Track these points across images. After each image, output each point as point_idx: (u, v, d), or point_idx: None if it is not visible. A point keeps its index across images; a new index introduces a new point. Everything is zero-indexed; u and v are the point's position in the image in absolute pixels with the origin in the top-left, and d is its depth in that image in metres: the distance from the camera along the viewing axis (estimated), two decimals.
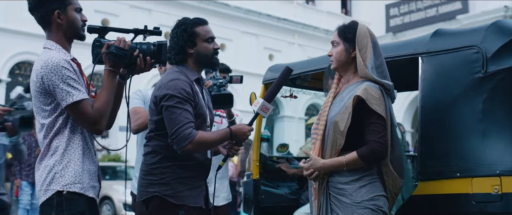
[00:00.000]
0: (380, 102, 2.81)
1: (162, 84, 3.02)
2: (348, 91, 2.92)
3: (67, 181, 2.58)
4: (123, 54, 2.69)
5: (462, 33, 3.19)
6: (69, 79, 2.57)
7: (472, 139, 2.99)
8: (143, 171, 3.08)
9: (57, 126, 2.61)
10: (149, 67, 2.84)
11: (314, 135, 3.02)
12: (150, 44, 2.83)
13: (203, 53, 3.13)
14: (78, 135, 2.66)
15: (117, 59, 2.69)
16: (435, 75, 3.15)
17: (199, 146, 2.96)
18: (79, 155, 2.63)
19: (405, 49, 3.37)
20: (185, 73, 3.08)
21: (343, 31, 3.00)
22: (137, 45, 2.79)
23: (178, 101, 2.95)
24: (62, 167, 2.59)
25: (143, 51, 2.79)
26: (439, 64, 3.14)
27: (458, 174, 2.98)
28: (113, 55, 2.67)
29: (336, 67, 3.03)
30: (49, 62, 2.55)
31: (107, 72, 2.71)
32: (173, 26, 3.15)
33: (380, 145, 2.79)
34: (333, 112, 2.92)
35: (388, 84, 2.92)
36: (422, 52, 3.21)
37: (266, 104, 3.04)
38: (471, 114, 3.00)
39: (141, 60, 2.78)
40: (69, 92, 2.55)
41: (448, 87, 3.11)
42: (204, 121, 3.14)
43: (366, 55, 2.91)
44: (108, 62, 2.70)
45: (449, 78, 3.11)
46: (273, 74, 4.31)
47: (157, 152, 3.03)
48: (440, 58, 3.14)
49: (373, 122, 2.81)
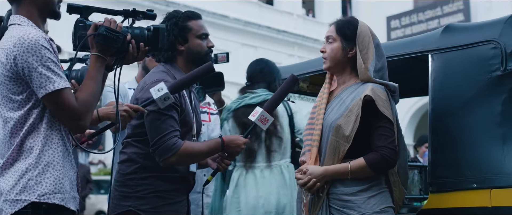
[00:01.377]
0: (387, 104, 2.54)
1: (146, 85, 2.70)
2: (349, 93, 2.62)
3: (45, 189, 2.04)
4: (115, 37, 2.20)
5: (477, 27, 2.87)
6: (50, 62, 2.05)
7: (490, 145, 2.68)
8: (117, 181, 2.76)
9: (30, 120, 2.08)
10: (142, 55, 2.37)
11: (308, 141, 2.69)
12: (143, 28, 2.41)
13: (195, 51, 2.80)
14: (57, 132, 2.14)
15: (108, 43, 2.19)
16: (447, 74, 2.82)
17: (184, 158, 2.65)
18: (59, 157, 2.11)
19: (412, 46, 3.04)
20: (172, 73, 2.75)
21: (342, 27, 2.67)
22: (128, 29, 2.35)
23: None
24: (39, 172, 2.05)
25: (136, 37, 2.34)
26: (451, 62, 2.82)
27: (475, 185, 2.67)
28: (102, 38, 2.18)
29: (330, 67, 2.71)
30: (26, 39, 2.03)
31: (95, 58, 2.21)
32: (163, 19, 2.82)
33: (390, 151, 2.50)
34: (332, 116, 2.60)
35: (393, 85, 2.63)
36: (432, 49, 2.87)
37: (266, 115, 2.72)
38: (488, 116, 2.69)
39: (134, 46, 2.30)
40: (50, 78, 2.04)
41: (462, 88, 2.79)
42: (190, 129, 2.81)
43: (368, 56, 2.61)
44: (96, 47, 2.20)
45: (463, 78, 2.79)
46: None
47: (134, 160, 2.71)
48: (453, 56, 2.81)
49: (381, 126, 2.52)
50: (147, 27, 2.42)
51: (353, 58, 2.64)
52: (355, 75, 2.66)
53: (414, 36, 3.19)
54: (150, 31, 2.40)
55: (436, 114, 2.84)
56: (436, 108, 2.84)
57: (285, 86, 2.81)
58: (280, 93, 2.82)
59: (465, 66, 2.78)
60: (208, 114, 4.10)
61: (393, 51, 3.08)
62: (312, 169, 2.56)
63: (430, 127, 2.85)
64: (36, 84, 2.04)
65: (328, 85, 2.76)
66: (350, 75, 2.68)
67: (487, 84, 2.69)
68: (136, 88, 2.83)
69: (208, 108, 4.10)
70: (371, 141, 2.54)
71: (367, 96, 2.51)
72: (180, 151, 2.59)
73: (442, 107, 2.83)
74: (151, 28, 2.41)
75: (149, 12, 2.41)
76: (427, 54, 2.89)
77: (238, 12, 20.97)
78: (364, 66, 2.59)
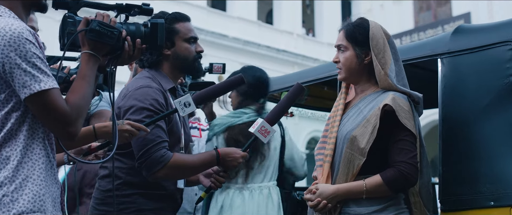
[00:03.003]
0: (410, 116, 2.29)
1: (128, 92, 2.47)
2: (368, 102, 2.38)
3: (22, 208, 1.73)
4: (110, 33, 1.94)
5: (491, 28, 2.63)
6: (35, 58, 1.76)
7: (508, 158, 2.42)
8: (96, 199, 2.52)
9: (8, 126, 1.78)
10: (138, 53, 2.11)
11: (320, 156, 2.44)
12: (139, 24, 2.16)
13: (183, 55, 2.57)
14: (39, 141, 1.82)
15: (102, 40, 1.93)
16: (458, 80, 2.58)
17: (175, 171, 2.42)
18: (40, 170, 1.80)
19: (419, 51, 2.79)
20: (157, 80, 2.51)
21: (352, 33, 2.43)
22: (122, 25, 2.10)
23: (147, 115, 2.40)
24: (15, 187, 1.74)
25: (131, 33, 2.08)
26: (463, 66, 2.59)
27: (492, 202, 2.42)
28: (96, 34, 1.92)
29: (346, 77, 2.48)
30: (7, 31, 1.74)
31: (87, 57, 1.93)
32: None
33: (410, 167, 2.24)
34: (347, 126, 2.35)
35: (417, 95, 2.39)
36: (442, 52, 2.63)
37: (267, 126, 2.48)
38: (506, 126, 2.45)
39: (130, 44, 2.04)
40: (35, 77, 1.74)
41: (475, 94, 2.55)
42: (178, 141, 2.56)
43: (385, 60, 2.37)
44: (88, 44, 1.93)
45: (476, 83, 2.55)
46: None
47: (115, 176, 2.44)
48: (465, 59, 2.57)
49: (401, 139, 2.27)
50: (144, 23, 2.16)
51: (369, 64, 2.40)
52: (374, 82, 2.42)
53: (422, 40, 2.94)
54: (147, 27, 2.14)
55: (447, 124, 2.58)
56: (447, 117, 2.59)
57: (290, 96, 2.58)
58: (285, 103, 2.58)
59: (479, 70, 2.54)
60: (198, 129, 3.86)
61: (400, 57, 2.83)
62: (322, 188, 2.31)
63: (440, 139, 2.60)
64: (19, 83, 1.73)
65: (344, 95, 2.53)
66: (368, 83, 2.44)
67: (504, 90, 2.45)
68: (118, 96, 2.58)
69: (199, 123, 3.87)
70: (389, 156, 2.29)
71: (387, 106, 2.26)
72: (170, 163, 2.37)
73: (454, 116, 2.58)
74: (148, 24, 2.15)
75: (145, 6, 2.15)
76: (436, 58, 2.65)
77: (238, 31, 20.86)
78: (383, 73, 2.35)
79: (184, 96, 2.38)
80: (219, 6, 22.31)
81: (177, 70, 2.61)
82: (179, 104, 2.37)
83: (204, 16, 20.21)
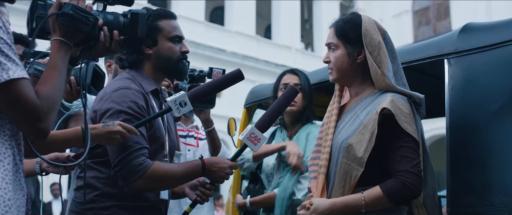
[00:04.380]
0: (411, 120, 2.08)
1: (105, 94, 2.26)
2: (364, 106, 2.17)
3: None
4: (84, 19, 1.71)
5: (502, 25, 2.41)
6: (3, 44, 1.55)
7: None
8: (72, 212, 2.30)
9: None
10: (116, 46, 1.91)
11: (314, 167, 2.24)
12: (118, 14, 1.96)
13: (166, 55, 2.37)
14: (5, 139, 1.58)
15: (75, 25, 1.70)
16: (467, 81, 2.37)
17: (154, 181, 2.19)
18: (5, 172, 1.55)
19: (423, 52, 2.58)
20: (138, 81, 2.31)
21: (343, 29, 2.23)
22: (100, 13, 1.88)
23: (126, 119, 2.19)
24: None
25: (109, 23, 1.87)
26: (472, 66, 2.38)
27: None
28: (68, 19, 1.69)
29: (337, 78, 2.27)
30: None
31: (58, 44, 1.70)
32: None
33: (413, 177, 2.02)
34: (343, 134, 2.14)
35: (418, 96, 2.18)
36: (448, 52, 2.42)
37: (257, 133, 2.25)
38: None
39: (106, 34, 1.84)
40: (2, 65, 1.52)
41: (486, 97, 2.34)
42: (161, 147, 2.34)
43: (381, 59, 2.17)
44: (59, 30, 1.70)
45: (487, 85, 2.35)
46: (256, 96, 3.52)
47: (92, 186, 2.25)
48: (474, 59, 2.36)
49: (402, 146, 2.06)
50: (124, 13, 1.95)
51: (363, 63, 2.20)
52: (370, 83, 2.22)
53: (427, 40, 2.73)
54: (126, 18, 1.93)
55: (455, 129, 2.37)
56: (455, 122, 2.37)
57: (283, 99, 2.36)
58: (277, 107, 2.35)
59: (490, 71, 2.34)
60: (196, 138, 3.64)
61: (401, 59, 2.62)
62: (317, 203, 2.09)
63: (448, 146, 2.39)
64: None
65: (338, 99, 2.32)
66: (363, 85, 2.24)
67: None
68: (94, 99, 2.37)
69: (196, 132, 3.66)
70: (390, 165, 2.08)
71: (385, 110, 2.06)
72: (149, 172, 2.15)
73: (462, 121, 2.37)
74: (128, 14, 1.94)
75: None
76: (443, 59, 2.44)
77: (236, 46, 20.75)
78: (380, 72, 2.15)
79: (179, 95, 2.18)
80: (217, 21, 22.24)
81: (160, 71, 2.41)
82: (174, 103, 2.16)
83: (202, 30, 20.12)
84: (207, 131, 3.37)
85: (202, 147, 3.60)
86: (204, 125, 3.35)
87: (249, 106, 3.58)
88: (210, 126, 3.35)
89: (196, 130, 3.71)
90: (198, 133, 3.68)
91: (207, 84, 2.32)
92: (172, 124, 2.57)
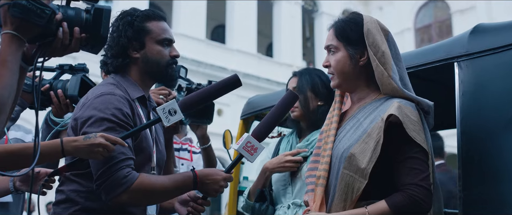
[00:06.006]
0: (419, 128, 1.91)
1: (87, 100, 2.09)
2: (368, 112, 1.99)
3: None
4: (40, 11, 1.54)
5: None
6: None
7: None
8: None
9: None
10: (76, 44, 1.70)
11: (311, 178, 2.05)
12: (80, 10, 1.77)
13: (153, 59, 2.20)
14: None
15: (29, 18, 1.54)
16: (480, 85, 2.18)
17: (140, 195, 2.01)
18: None
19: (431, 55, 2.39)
20: (123, 87, 2.13)
21: (343, 29, 2.07)
22: (59, 7, 1.70)
23: (109, 127, 2.01)
24: None
25: (69, 19, 1.68)
26: (485, 70, 2.18)
27: None
28: (22, 10, 1.52)
29: (339, 84, 2.09)
30: None
31: (9, 38, 1.54)
32: (115, 18, 2.22)
33: (423, 191, 1.85)
34: (344, 143, 1.96)
35: (427, 103, 2.00)
36: (459, 55, 2.23)
37: (254, 142, 2.06)
38: None
39: (66, 31, 1.65)
40: None
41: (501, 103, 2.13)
42: (148, 159, 2.16)
43: (385, 60, 2.00)
44: (10, 23, 1.54)
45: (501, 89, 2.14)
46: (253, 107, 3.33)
47: (72, 201, 2.08)
48: (487, 62, 2.16)
49: (411, 157, 1.89)
50: (86, 8, 1.77)
51: (366, 66, 2.03)
52: (374, 88, 2.05)
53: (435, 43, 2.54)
54: (89, 14, 1.73)
55: (467, 138, 2.17)
56: (467, 131, 2.17)
57: (281, 105, 2.16)
58: (275, 114, 2.15)
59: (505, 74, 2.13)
60: (189, 152, 3.45)
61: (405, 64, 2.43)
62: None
63: (459, 157, 2.18)
64: None
65: (338, 105, 2.14)
66: (367, 89, 2.07)
67: None
68: (76, 106, 2.19)
69: (190, 145, 3.47)
70: (397, 177, 1.90)
71: (392, 117, 1.88)
72: (134, 185, 1.97)
73: (475, 129, 2.17)
74: (91, 10, 1.75)
75: None
76: (452, 62, 2.25)
77: (237, 64, 20.65)
78: (386, 75, 1.97)
79: (169, 103, 2.00)
80: (218, 39, 22.19)
81: (147, 77, 2.23)
82: (163, 112, 1.99)
83: (203, 48, 20.05)
84: (202, 148, 3.18)
85: (196, 161, 3.42)
86: (200, 141, 3.16)
87: (246, 118, 3.38)
88: (206, 143, 3.16)
89: (190, 142, 3.53)
90: (192, 146, 3.50)
91: (200, 91, 2.13)
92: (161, 134, 2.38)
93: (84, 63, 2.58)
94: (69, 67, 2.58)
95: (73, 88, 2.46)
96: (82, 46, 1.72)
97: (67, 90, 2.49)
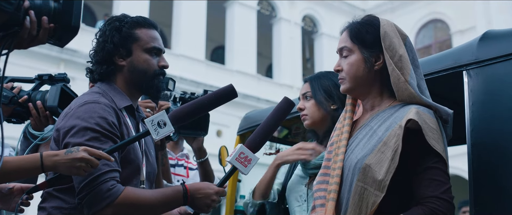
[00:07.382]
0: (439, 137, 1.77)
1: (70, 110, 1.97)
2: (382, 120, 1.85)
3: None
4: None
5: None
6: None
7: None
8: None
9: None
10: (43, 35, 1.59)
11: (321, 192, 1.90)
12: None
13: (140, 68, 2.08)
14: None
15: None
16: (491, 94, 2.04)
17: (125, 210, 1.87)
18: None
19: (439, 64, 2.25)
20: (110, 96, 2.00)
21: (359, 31, 1.94)
22: None
23: (93, 137, 1.89)
24: None
25: (36, 7, 1.56)
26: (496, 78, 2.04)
27: None
28: None
29: (351, 89, 1.95)
30: None
31: None
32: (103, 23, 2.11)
33: (445, 204, 1.72)
34: (357, 153, 1.82)
35: (446, 111, 1.86)
36: (468, 63, 2.10)
37: (247, 153, 1.92)
38: None
39: (33, 20, 1.54)
40: None
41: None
42: (136, 171, 2.02)
43: (402, 64, 1.86)
44: None
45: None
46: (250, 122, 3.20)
47: None
48: (498, 69, 2.03)
49: (431, 167, 1.75)
50: None
51: (381, 71, 1.90)
52: (389, 95, 1.92)
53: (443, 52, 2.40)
54: (58, 3, 1.61)
55: (478, 151, 2.02)
56: (477, 143, 2.02)
57: (276, 113, 2.02)
58: (270, 123, 2.01)
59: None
60: (186, 168, 3.31)
61: None
62: None
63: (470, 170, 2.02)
64: None
65: (349, 114, 1.99)
66: (381, 96, 1.93)
67: None
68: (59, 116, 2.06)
69: (186, 161, 3.33)
70: (416, 189, 1.76)
71: (411, 122, 1.74)
72: (119, 199, 1.84)
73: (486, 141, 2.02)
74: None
75: None
76: (461, 71, 2.11)
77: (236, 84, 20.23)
78: (403, 80, 1.83)
79: (158, 114, 1.87)
80: (218, 60, 22.14)
81: (133, 86, 2.11)
82: (151, 124, 1.85)
83: (203, 69, 19.98)
84: (199, 162, 3.04)
85: (193, 177, 3.27)
86: (197, 155, 3.02)
87: (243, 133, 3.24)
88: (203, 156, 3.02)
89: (186, 159, 3.39)
90: (188, 162, 3.36)
91: (192, 102, 1.99)
92: (152, 146, 2.24)
93: (65, 73, 2.45)
94: (48, 77, 2.45)
95: (53, 99, 2.32)
96: (49, 38, 1.59)
97: (46, 101, 2.35)
